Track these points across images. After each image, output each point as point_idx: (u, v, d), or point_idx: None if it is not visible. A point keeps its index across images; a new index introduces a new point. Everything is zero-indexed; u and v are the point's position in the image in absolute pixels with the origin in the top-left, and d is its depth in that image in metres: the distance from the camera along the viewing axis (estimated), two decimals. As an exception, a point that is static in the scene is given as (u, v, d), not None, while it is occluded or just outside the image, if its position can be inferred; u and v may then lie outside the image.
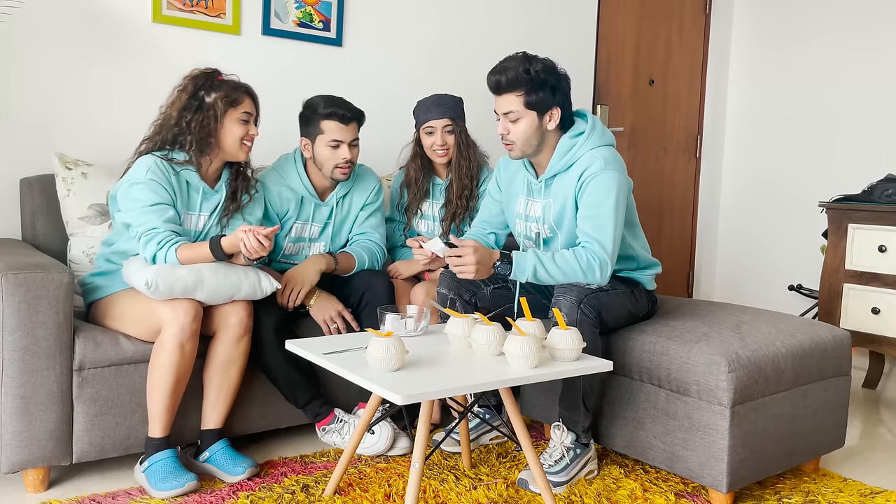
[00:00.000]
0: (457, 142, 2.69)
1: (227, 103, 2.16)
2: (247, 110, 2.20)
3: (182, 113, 2.16)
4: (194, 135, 2.14)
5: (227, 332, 2.10)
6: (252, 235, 1.98)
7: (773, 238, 4.35)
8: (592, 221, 2.07)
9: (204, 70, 2.21)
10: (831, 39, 4.04)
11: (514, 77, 2.07)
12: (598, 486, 2.11)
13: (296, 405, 2.29)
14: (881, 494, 2.13)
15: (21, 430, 1.92)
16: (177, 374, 1.99)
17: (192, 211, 2.19)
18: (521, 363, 1.70)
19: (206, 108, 2.15)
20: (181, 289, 2.00)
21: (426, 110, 2.69)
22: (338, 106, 2.41)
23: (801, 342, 2.12)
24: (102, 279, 2.21)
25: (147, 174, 2.09)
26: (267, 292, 2.15)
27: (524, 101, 2.09)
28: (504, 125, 2.14)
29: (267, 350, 2.19)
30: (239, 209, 2.27)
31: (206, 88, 2.17)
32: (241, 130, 2.19)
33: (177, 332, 1.97)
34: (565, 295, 2.06)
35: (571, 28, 3.87)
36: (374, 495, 2.01)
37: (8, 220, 2.53)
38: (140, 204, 2.07)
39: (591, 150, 2.12)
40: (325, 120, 2.40)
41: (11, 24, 2.47)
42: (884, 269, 2.95)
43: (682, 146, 4.48)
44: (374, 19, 3.26)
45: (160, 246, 2.03)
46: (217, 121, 2.15)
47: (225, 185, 2.25)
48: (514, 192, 2.30)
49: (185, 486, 1.95)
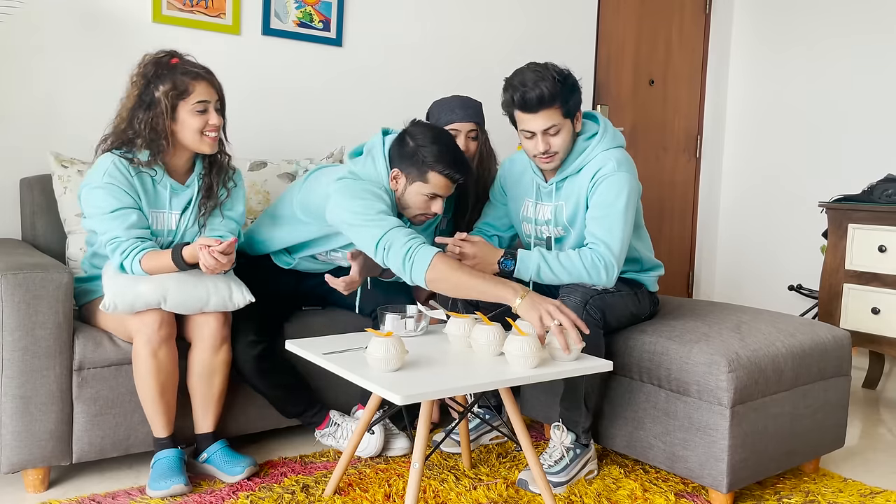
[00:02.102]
0: (479, 150, 2.50)
1: (175, 96, 1.96)
2: (201, 98, 1.98)
3: (133, 112, 1.99)
4: (145, 137, 1.97)
5: (202, 344, 2.05)
6: (207, 253, 1.87)
7: (773, 238, 4.35)
8: (601, 223, 2.07)
9: (155, 56, 2.01)
10: (831, 39, 4.04)
11: (552, 90, 1.99)
12: (598, 487, 2.11)
13: (287, 417, 2.28)
14: (881, 494, 2.13)
15: (21, 430, 1.92)
16: (158, 380, 1.97)
17: (161, 209, 2.06)
18: (521, 363, 1.70)
19: (154, 104, 1.96)
20: (143, 304, 1.94)
21: (450, 111, 2.45)
22: (458, 168, 2.11)
23: (801, 342, 2.12)
24: (89, 284, 2.18)
25: (104, 178, 1.97)
26: (239, 305, 2.06)
27: (562, 112, 2.05)
28: (545, 141, 2.05)
29: (247, 375, 2.15)
30: (217, 206, 2.12)
31: (156, 80, 1.97)
32: (197, 122, 1.99)
33: (145, 341, 1.95)
34: (571, 295, 2.05)
35: (571, 28, 3.87)
36: (374, 495, 2.01)
37: (8, 220, 2.53)
38: (100, 210, 1.97)
39: (604, 151, 2.12)
40: (435, 174, 2.10)
41: (11, 24, 2.47)
42: (884, 269, 2.95)
43: (682, 146, 4.48)
44: (373, 19, 3.26)
45: (125, 255, 1.95)
46: (167, 117, 1.97)
47: (197, 179, 2.10)
48: (520, 195, 2.29)
49: (171, 489, 1.93)
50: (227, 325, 2.08)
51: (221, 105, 2.06)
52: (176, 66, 1.99)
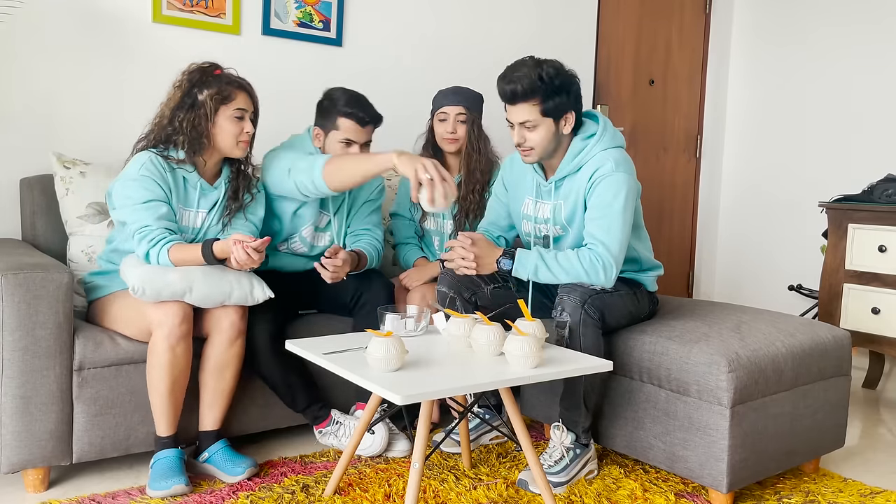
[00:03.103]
0: (468, 132, 2.66)
1: (219, 101, 2.12)
2: (240, 106, 2.15)
3: (175, 112, 2.13)
4: (186, 135, 2.11)
5: (219, 336, 2.09)
6: (241, 248, 1.97)
7: (773, 238, 4.35)
8: (599, 223, 2.07)
9: (201, 65, 2.17)
10: (831, 39, 4.04)
11: (530, 86, 2.02)
12: (598, 487, 2.11)
13: (295, 409, 2.29)
14: (881, 494, 2.13)
15: (21, 430, 1.92)
16: (172, 375, 1.99)
17: (189, 207, 2.17)
18: (521, 363, 1.70)
19: (197, 106, 2.12)
20: (169, 294, 1.99)
21: (443, 97, 2.68)
22: (358, 107, 2.36)
23: (801, 342, 2.12)
24: (102, 278, 2.21)
25: (140, 170, 2.07)
26: (259, 300, 2.12)
27: (540, 110, 2.05)
28: (520, 134, 2.10)
29: (262, 358, 2.18)
30: (241, 209, 2.25)
31: (200, 85, 2.13)
32: (235, 128, 2.14)
33: (166, 334, 1.97)
34: (569, 295, 2.06)
35: (571, 28, 3.87)
36: (374, 495, 2.01)
37: (8, 220, 2.53)
38: (132, 201, 2.06)
39: (602, 151, 2.12)
40: (342, 117, 2.36)
41: (11, 24, 2.47)
42: (884, 269, 2.95)
43: (682, 146, 4.48)
44: (374, 19, 3.26)
45: (152, 244, 2.02)
46: (209, 119, 2.12)
47: (225, 182, 2.22)
48: (521, 193, 2.30)
49: (171, 489, 1.94)
50: (244, 318, 2.12)
51: (255, 116, 2.22)
52: (220, 76, 2.16)
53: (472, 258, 2.10)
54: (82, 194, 2.38)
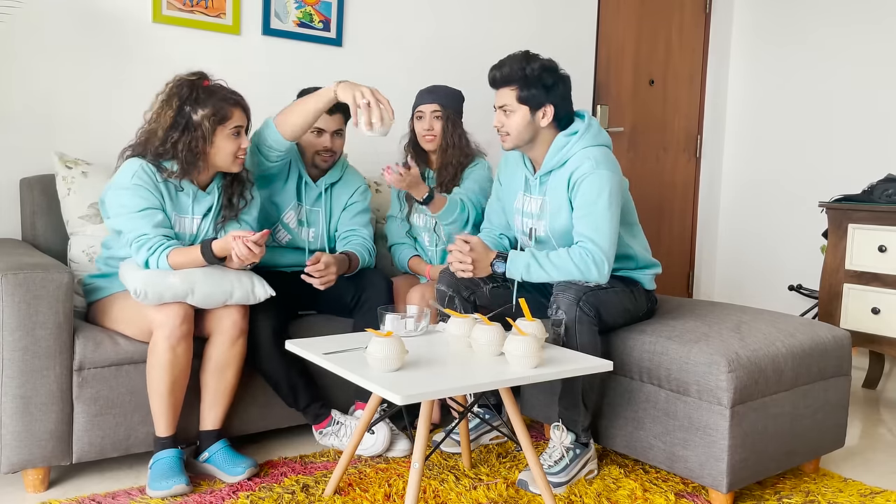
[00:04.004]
0: (444, 128, 2.68)
1: (216, 122, 2.06)
2: (237, 124, 2.10)
3: (168, 132, 2.06)
4: (181, 158, 2.06)
5: (221, 335, 2.09)
6: (241, 243, 1.97)
7: (773, 238, 4.35)
8: (586, 220, 2.10)
9: (187, 78, 2.10)
10: (832, 39, 4.04)
11: (509, 73, 2.15)
12: (598, 486, 2.11)
13: (296, 408, 2.29)
14: (881, 494, 2.13)
15: (21, 430, 1.92)
16: (172, 376, 1.99)
17: (183, 214, 2.14)
18: (521, 363, 1.70)
19: (192, 127, 2.05)
20: (171, 296, 1.99)
21: (419, 96, 2.74)
22: None
23: (801, 342, 2.12)
24: (102, 280, 2.20)
25: (132, 179, 2.04)
26: (260, 298, 2.12)
27: (517, 96, 2.15)
28: (499, 118, 2.21)
29: (265, 355, 2.19)
30: (236, 214, 2.23)
31: (192, 103, 2.06)
32: (232, 146, 2.11)
33: (167, 335, 1.97)
34: (564, 293, 2.07)
35: (571, 28, 3.87)
36: (374, 495, 2.01)
37: (8, 220, 2.53)
38: (127, 210, 2.04)
39: (582, 149, 2.15)
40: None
41: (11, 24, 2.47)
42: (884, 269, 2.95)
43: (682, 146, 4.48)
44: (374, 19, 3.26)
45: (151, 251, 2.02)
46: (206, 141, 2.07)
47: (218, 188, 2.19)
48: (514, 188, 2.33)
49: (172, 489, 1.94)
50: (246, 318, 2.13)
51: (249, 127, 2.19)
52: (211, 90, 2.09)
53: (470, 262, 2.12)
54: (84, 194, 2.38)
